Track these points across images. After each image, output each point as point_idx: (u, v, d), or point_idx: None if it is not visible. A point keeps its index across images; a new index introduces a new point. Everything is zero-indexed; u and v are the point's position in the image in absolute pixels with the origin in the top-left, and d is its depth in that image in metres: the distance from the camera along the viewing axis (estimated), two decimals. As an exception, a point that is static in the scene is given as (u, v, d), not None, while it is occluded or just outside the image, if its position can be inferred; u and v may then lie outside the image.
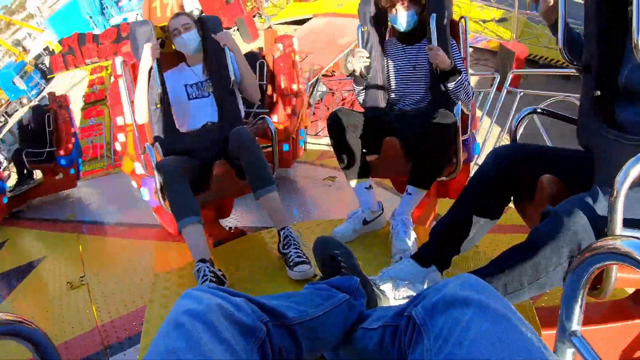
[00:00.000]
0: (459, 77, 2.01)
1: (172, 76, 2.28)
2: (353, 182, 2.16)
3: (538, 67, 11.34)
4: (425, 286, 1.48)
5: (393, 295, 1.42)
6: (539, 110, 1.70)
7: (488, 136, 3.45)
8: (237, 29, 17.63)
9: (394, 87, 2.23)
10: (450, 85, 2.03)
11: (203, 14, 2.36)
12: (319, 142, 6.51)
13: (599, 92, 1.36)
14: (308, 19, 15.77)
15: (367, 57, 2.15)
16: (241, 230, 2.55)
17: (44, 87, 25.64)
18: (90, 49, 19.42)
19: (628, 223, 1.09)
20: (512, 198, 1.59)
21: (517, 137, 1.73)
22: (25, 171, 6.25)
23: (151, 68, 2.13)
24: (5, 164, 6.31)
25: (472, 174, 2.36)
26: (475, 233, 1.56)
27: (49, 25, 25.43)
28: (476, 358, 0.64)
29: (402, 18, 2.09)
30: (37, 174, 6.51)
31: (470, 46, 2.13)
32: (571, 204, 1.17)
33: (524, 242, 1.25)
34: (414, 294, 1.45)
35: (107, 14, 21.56)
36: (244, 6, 17.48)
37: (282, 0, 19.04)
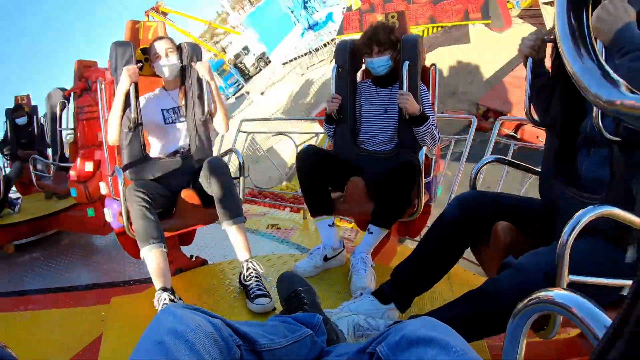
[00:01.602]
0: (427, 122, 2.11)
1: (149, 100, 2.28)
2: (316, 218, 2.21)
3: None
4: (383, 322, 1.51)
5: (352, 334, 1.45)
6: (501, 159, 1.77)
7: (457, 180, 3.37)
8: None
9: (364, 127, 2.30)
10: (418, 130, 2.12)
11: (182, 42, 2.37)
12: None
13: (558, 146, 1.44)
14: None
15: (338, 102, 2.26)
16: (203, 259, 2.52)
17: (243, 86, 25.78)
18: (398, 5, 12.86)
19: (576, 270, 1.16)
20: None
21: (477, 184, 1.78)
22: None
23: (128, 90, 2.12)
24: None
25: (433, 215, 2.44)
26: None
27: (247, 23, 24.59)
28: None
29: (378, 63, 2.19)
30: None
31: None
32: (533, 259, 1.22)
33: (483, 290, 1.28)
34: (372, 330, 1.48)
35: (311, 8, 19.64)
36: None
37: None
